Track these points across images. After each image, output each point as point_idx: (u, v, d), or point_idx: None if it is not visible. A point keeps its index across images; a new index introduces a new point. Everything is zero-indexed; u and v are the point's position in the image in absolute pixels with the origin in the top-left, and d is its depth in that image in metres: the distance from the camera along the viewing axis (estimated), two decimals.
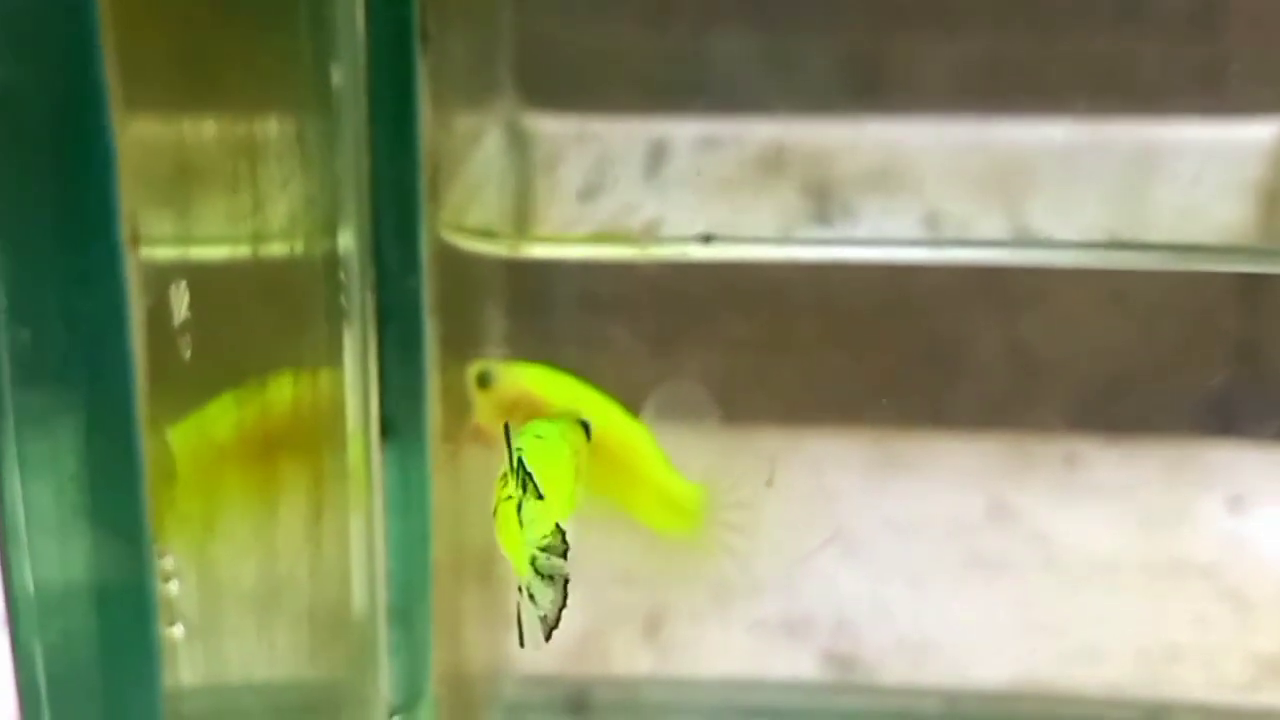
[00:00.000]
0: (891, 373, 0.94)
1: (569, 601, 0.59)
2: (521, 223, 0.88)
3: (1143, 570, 0.94)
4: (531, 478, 0.59)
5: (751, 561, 0.78)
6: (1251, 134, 0.87)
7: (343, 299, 0.74)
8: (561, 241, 0.88)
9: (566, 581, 0.59)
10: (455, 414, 0.81)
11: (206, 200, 0.60)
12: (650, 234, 0.86)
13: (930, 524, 0.96)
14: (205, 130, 0.60)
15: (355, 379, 0.76)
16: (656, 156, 0.92)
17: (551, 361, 0.80)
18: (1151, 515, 0.95)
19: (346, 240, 0.74)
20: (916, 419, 0.95)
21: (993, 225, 0.88)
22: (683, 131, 0.91)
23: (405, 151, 0.76)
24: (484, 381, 0.79)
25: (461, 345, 0.82)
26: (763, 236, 0.87)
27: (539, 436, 0.63)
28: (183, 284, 0.54)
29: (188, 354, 0.54)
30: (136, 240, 0.49)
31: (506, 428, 0.61)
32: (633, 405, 0.78)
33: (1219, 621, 0.93)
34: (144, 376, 0.50)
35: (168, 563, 0.53)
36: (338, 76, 0.71)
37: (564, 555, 0.59)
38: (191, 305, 0.55)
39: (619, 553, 0.86)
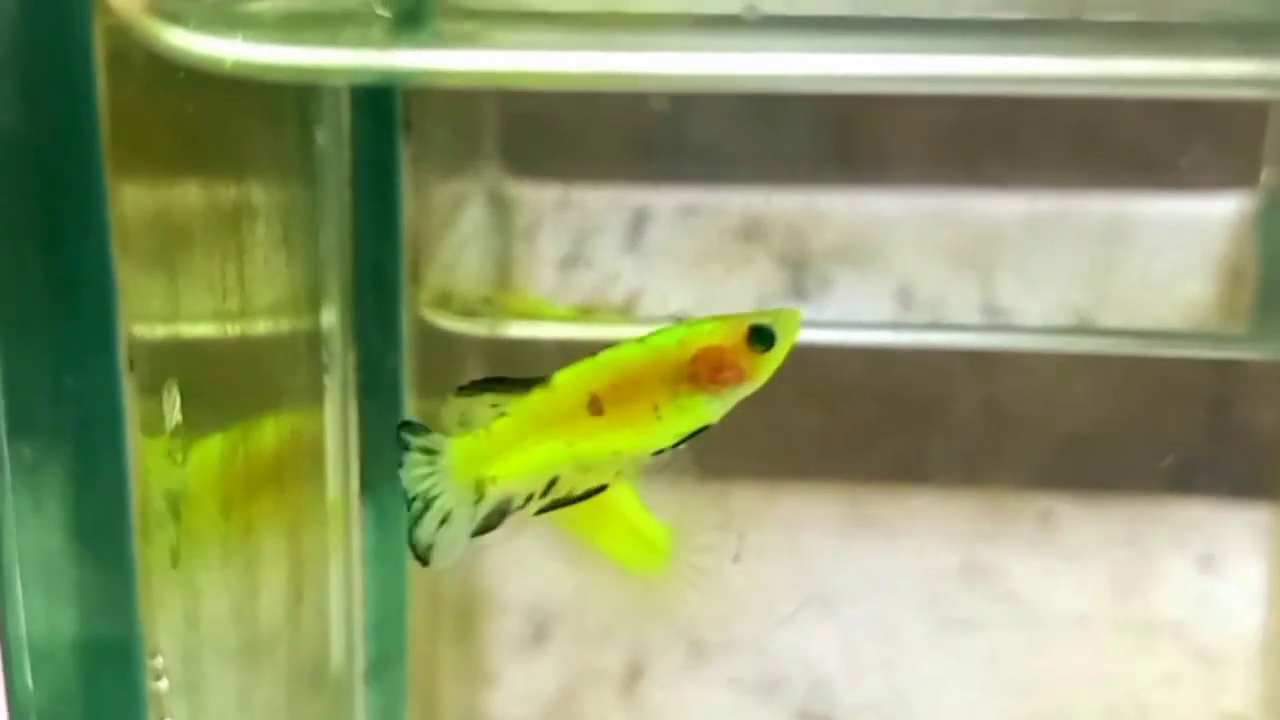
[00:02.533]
0: (866, 430, 0.96)
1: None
2: (503, 291, 0.90)
3: (1113, 628, 0.96)
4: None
5: (720, 606, 0.79)
6: (1216, 209, 0.89)
7: (325, 378, 0.76)
8: (540, 318, 0.89)
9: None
10: None
11: (191, 277, 0.61)
12: (629, 307, 0.87)
13: (904, 582, 0.97)
14: (192, 206, 0.62)
15: (337, 451, 0.77)
16: (637, 225, 0.93)
17: None
18: (1123, 573, 0.96)
19: (329, 319, 0.76)
20: (891, 476, 0.97)
21: (964, 299, 0.90)
22: (663, 200, 0.93)
23: (387, 235, 0.77)
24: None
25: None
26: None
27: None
28: (174, 387, 0.56)
29: (180, 458, 0.56)
30: (133, 364, 0.51)
31: None
32: None
33: (1188, 680, 0.95)
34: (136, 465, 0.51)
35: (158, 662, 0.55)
36: (322, 163, 0.73)
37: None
38: (176, 377, 0.56)
39: (593, 611, 0.88)
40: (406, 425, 0.56)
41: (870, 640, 0.96)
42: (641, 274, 0.92)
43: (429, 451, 0.56)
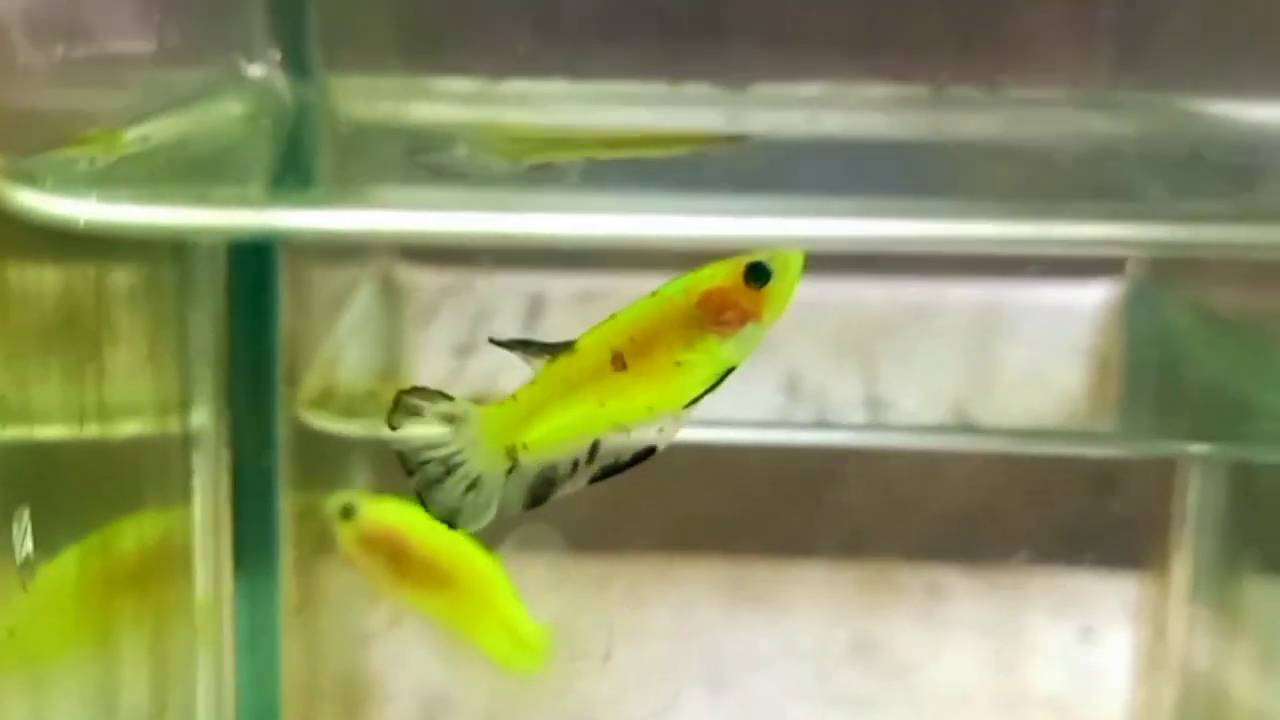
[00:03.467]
0: (755, 506, 0.97)
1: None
2: (389, 384, 0.90)
3: (997, 702, 0.98)
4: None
5: (606, 691, 0.80)
6: (1084, 297, 0.93)
7: (194, 479, 0.75)
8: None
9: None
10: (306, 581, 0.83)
11: (47, 388, 0.60)
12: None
13: (793, 659, 0.98)
14: (47, 316, 0.61)
15: (206, 549, 0.77)
16: (534, 311, 0.95)
17: None
18: (1007, 646, 0.99)
19: (200, 421, 0.76)
20: (779, 552, 0.98)
21: (848, 391, 0.92)
22: (559, 286, 0.94)
23: (263, 335, 0.77)
24: (347, 514, 0.81)
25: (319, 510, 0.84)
26: None
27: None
28: (25, 514, 0.56)
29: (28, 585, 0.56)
30: None
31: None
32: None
33: None
34: None
35: None
36: (194, 262, 0.72)
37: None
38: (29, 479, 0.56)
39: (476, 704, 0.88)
40: (411, 391, 0.55)
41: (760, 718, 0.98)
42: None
43: (450, 418, 0.55)
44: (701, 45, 0.77)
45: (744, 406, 0.93)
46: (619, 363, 0.55)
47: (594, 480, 0.56)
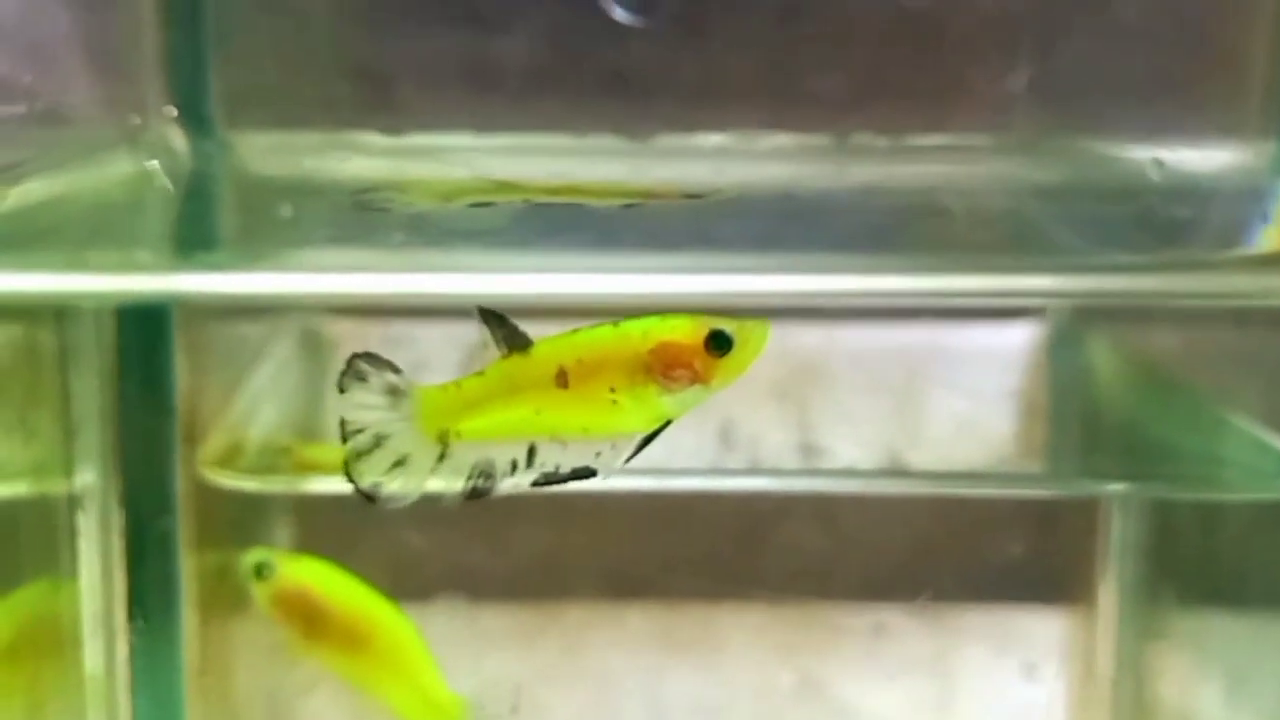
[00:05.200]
0: (699, 547, 0.98)
1: None
2: (311, 437, 0.88)
3: None
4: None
5: None
6: (1012, 338, 0.95)
7: (80, 543, 0.74)
8: (329, 472, 0.86)
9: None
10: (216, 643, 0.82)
11: None
12: None
13: (738, 700, 0.99)
14: None
15: (98, 618, 0.76)
16: (476, 359, 0.95)
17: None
18: (952, 685, 0.99)
19: (86, 483, 0.74)
20: (723, 593, 0.98)
21: (782, 438, 0.93)
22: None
23: (156, 391, 0.76)
24: (261, 573, 0.80)
25: (229, 579, 0.82)
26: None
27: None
28: None
29: None
30: None
31: None
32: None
33: None
34: None
35: None
36: (74, 318, 0.71)
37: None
38: None
39: None
40: (364, 356, 0.55)
41: None
42: None
43: (392, 391, 0.55)
44: (606, 97, 0.78)
45: (677, 454, 0.94)
46: (562, 379, 0.56)
47: (535, 485, 0.56)
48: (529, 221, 0.66)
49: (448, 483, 0.56)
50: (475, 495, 0.56)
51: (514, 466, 0.56)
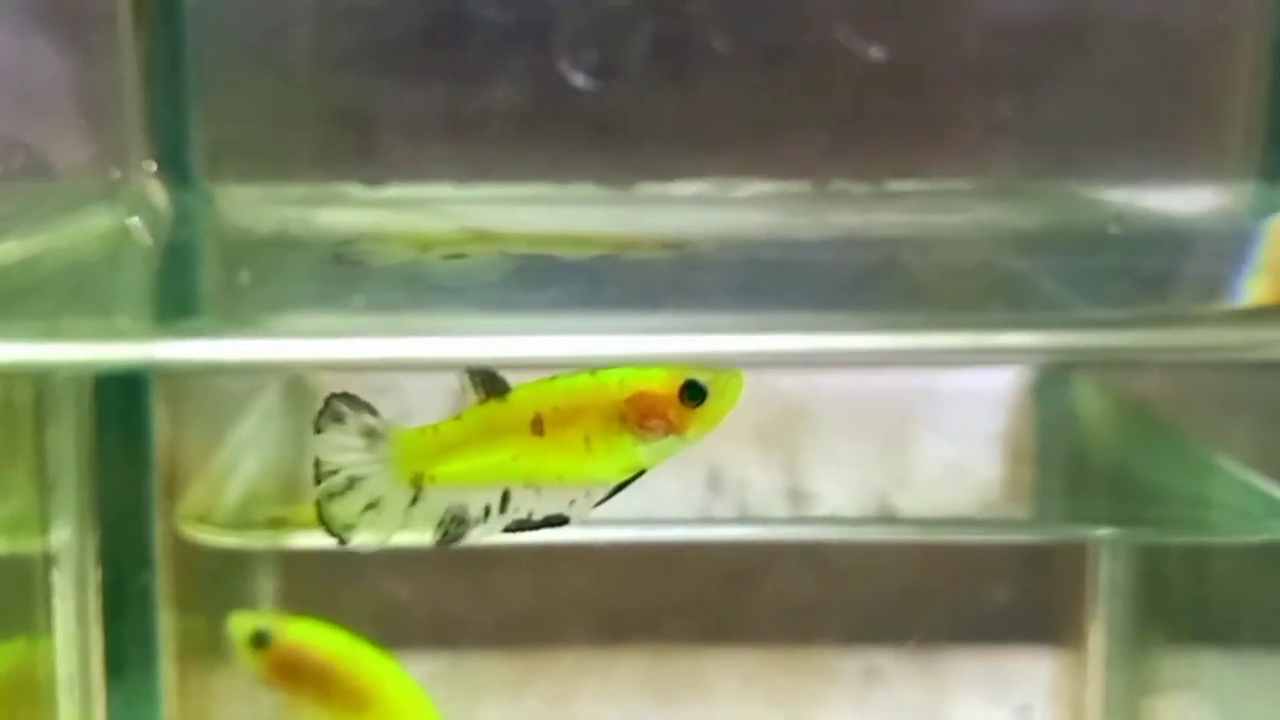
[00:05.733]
0: (689, 590, 0.97)
1: None
2: (295, 489, 0.87)
3: None
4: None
5: None
6: (999, 381, 0.95)
7: (55, 601, 0.73)
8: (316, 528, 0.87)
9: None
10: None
11: None
12: None
13: None
14: None
15: (74, 677, 0.74)
16: (457, 405, 0.95)
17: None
18: None
19: (62, 541, 0.73)
20: (714, 637, 0.98)
21: (770, 482, 0.93)
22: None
23: (135, 445, 0.76)
24: (260, 642, 0.78)
25: (210, 631, 0.82)
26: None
27: None
28: None
29: None
30: None
31: None
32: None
33: None
34: None
35: None
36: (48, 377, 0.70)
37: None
38: None
39: None
40: (343, 396, 0.56)
41: None
42: None
43: (369, 433, 0.55)
44: (586, 147, 0.78)
45: (664, 500, 0.93)
46: (538, 426, 0.56)
47: (507, 531, 0.56)
48: (508, 275, 0.66)
49: (420, 528, 0.55)
50: (447, 541, 0.56)
51: (487, 512, 0.56)
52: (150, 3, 0.76)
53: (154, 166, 0.76)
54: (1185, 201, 0.80)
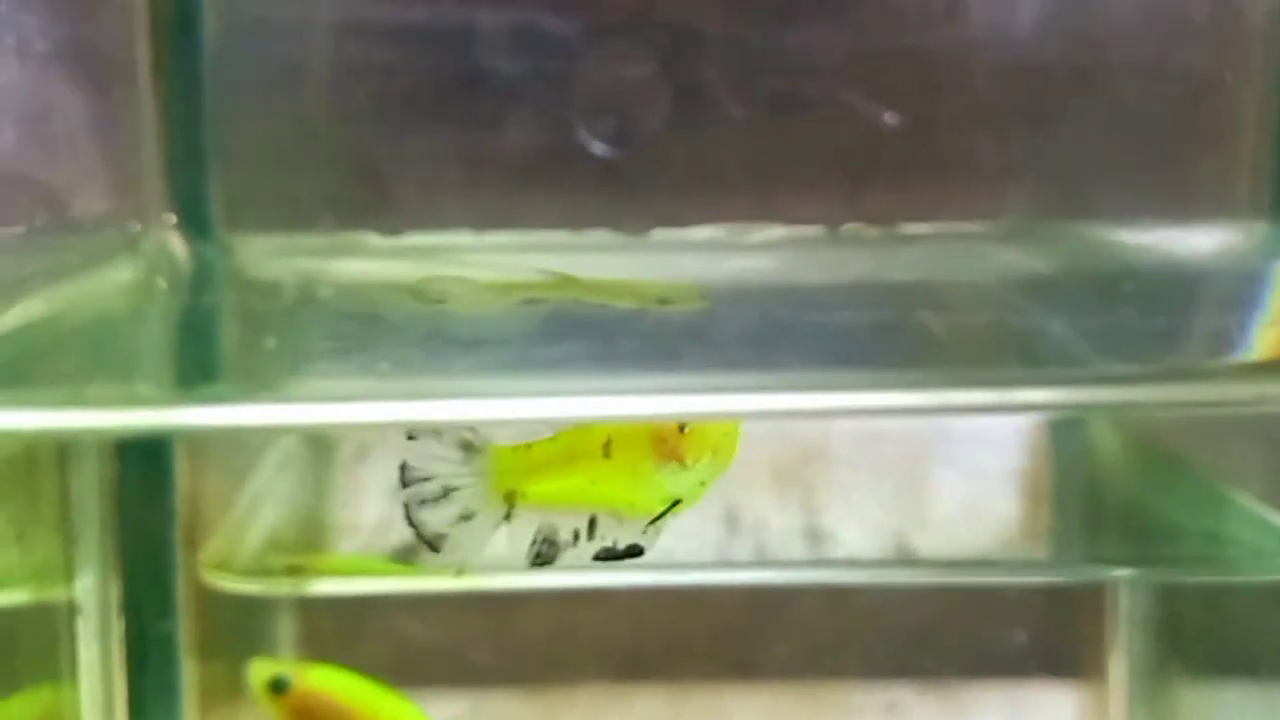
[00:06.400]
0: (711, 626, 0.97)
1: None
2: (316, 533, 0.88)
3: None
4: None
5: None
6: (1015, 419, 0.95)
7: (80, 649, 0.74)
8: (337, 574, 0.87)
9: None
10: None
11: None
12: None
13: None
14: None
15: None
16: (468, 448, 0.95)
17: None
18: None
19: (86, 589, 0.74)
20: (735, 672, 0.98)
21: (788, 522, 0.93)
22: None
23: (158, 496, 0.76)
24: (279, 688, 0.79)
25: (231, 678, 0.82)
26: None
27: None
28: None
29: None
30: None
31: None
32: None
33: None
34: None
35: None
36: None
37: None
38: None
39: None
40: None
41: None
42: None
43: (466, 446, 0.56)
44: (601, 194, 0.79)
45: (682, 539, 0.93)
46: (607, 449, 0.56)
47: (596, 559, 0.56)
48: (533, 328, 0.66)
49: (510, 545, 0.55)
50: (539, 562, 0.56)
51: (576, 537, 0.56)
52: (168, 56, 0.76)
53: (174, 219, 0.76)
54: (1196, 241, 0.80)
